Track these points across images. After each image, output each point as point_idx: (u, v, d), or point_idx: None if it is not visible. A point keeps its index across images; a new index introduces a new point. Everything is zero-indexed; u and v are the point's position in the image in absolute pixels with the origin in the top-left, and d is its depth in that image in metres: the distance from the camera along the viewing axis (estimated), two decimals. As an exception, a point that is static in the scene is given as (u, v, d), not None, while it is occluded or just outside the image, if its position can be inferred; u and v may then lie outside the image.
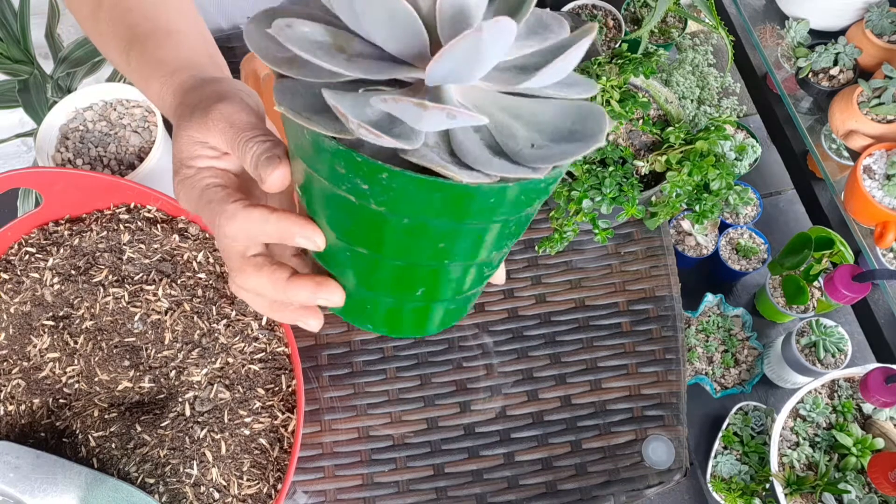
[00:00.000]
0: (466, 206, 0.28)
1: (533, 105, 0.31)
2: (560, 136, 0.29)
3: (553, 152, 0.28)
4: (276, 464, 0.59)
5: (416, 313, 0.33)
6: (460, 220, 0.28)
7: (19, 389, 0.60)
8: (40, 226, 0.66)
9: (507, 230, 0.30)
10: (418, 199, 0.27)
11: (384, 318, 0.34)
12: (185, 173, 0.36)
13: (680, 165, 0.64)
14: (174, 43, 0.43)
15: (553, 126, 0.30)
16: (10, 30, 0.98)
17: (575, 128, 0.29)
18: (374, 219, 0.29)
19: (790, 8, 1.30)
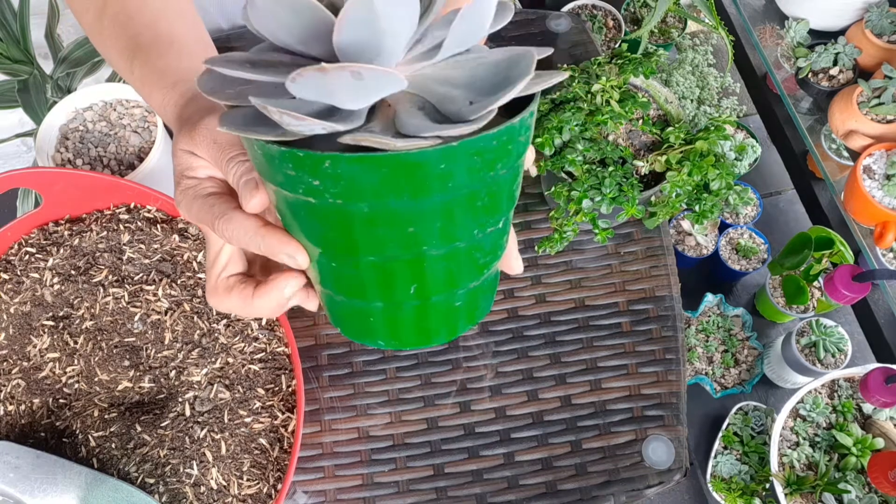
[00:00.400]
0: (418, 178, 0.27)
1: (466, 69, 0.30)
2: (496, 87, 0.28)
3: (489, 102, 0.27)
4: (276, 464, 0.59)
5: (416, 316, 0.32)
6: (417, 197, 0.27)
7: (19, 389, 0.60)
8: (40, 226, 0.66)
9: (478, 202, 0.29)
10: (367, 181, 0.27)
11: (387, 329, 0.32)
12: (187, 184, 0.36)
13: (680, 165, 0.64)
14: (175, 53, 0.44)
15: (488, 81, 0.29)
16: (9, 30, 0.98)
17: (508, 74, 0.29)
18: (336, 215, 0.28)
19: (790, 8, 1.30)
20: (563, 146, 0.66)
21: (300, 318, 0.72)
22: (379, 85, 0.27)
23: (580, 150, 0.65)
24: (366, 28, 0.26)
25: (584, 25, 0.87)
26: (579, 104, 0.66)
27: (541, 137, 0.65)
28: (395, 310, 0.31)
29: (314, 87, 0.26)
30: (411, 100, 0.30)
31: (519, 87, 0.27)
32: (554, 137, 0.65)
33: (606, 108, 0.66)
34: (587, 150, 0.65)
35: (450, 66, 0.31)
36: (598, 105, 0.66)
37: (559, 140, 0.65)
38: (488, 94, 0.28)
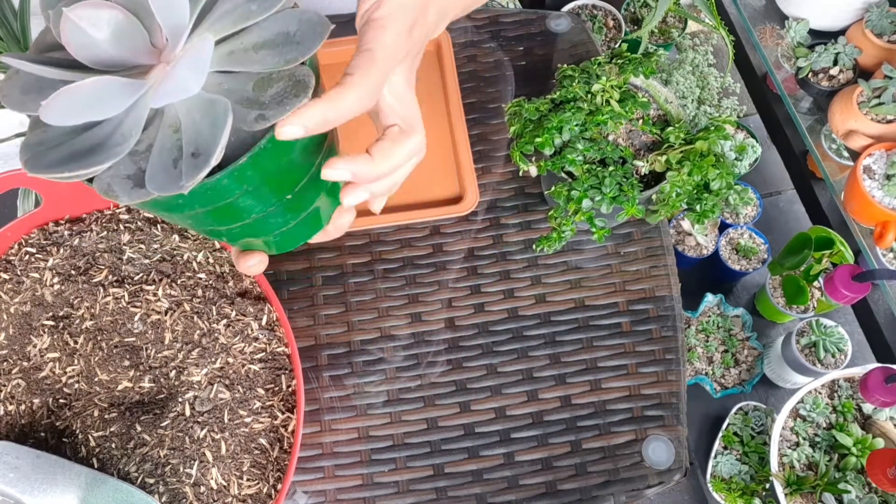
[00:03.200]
0: (176, 207, 0.35)
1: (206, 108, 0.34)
2: (209, 147, 0.32)
3: (190, 166, 0.31)
4: (276, 464, 0.59)
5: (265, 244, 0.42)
6: (192, 209, 0.35)
7: (19, 389, 0.60)
8: (40, 226, 0.66)
9: (237, 196, 0.35)
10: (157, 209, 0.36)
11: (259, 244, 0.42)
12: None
13: (680, 165, 0.64)
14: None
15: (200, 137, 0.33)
16: (10, 29, 0.98)
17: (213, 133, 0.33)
18: (183, 217, 0.37)
19: (790, 8, 1.30)
20: (563, 146, 0.66)
21: (300, 318, 0.72)
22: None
23: (580, 149, 0.65)
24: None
25: (584, 25, 0.87)
26: (579, 104, 0.66)
27: (541, 137, 0.65)
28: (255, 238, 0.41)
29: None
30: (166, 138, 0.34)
31: (211, 163, 0.31)
32: (554, 137, 0.65)
33: (606, 108, 0.66)
34: (587, 149, 0.65)
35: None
36: (598, 105, 0.66)
37: (559, 140, 0.65)
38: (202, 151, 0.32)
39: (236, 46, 0.34)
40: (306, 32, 0.34)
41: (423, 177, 0.78)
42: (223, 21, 0.34)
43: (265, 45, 0.34)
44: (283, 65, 0.33)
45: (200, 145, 0.32)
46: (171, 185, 0.31)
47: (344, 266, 0.74)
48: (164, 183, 0.31)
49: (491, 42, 0.86)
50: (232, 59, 0.34)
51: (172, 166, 0.32)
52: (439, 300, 0.73)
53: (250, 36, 0.34)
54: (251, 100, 0.33)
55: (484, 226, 0.76)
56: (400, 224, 0.75)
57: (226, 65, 0.34)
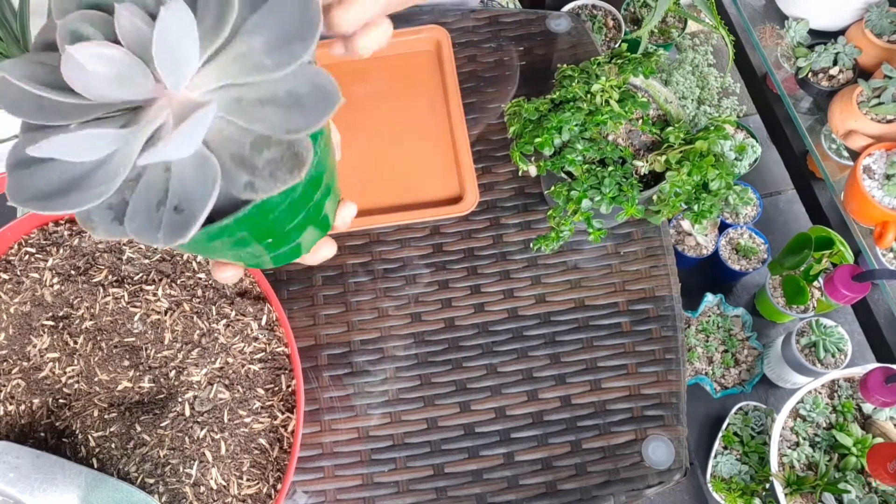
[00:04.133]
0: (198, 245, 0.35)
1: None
2: (199, 198, 0.32)
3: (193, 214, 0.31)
4: (276, 464, 0.59)
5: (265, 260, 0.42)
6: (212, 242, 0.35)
7: (19, 389, 0.60)
8: (40, 226, 0.66)
9: (215, 243, 0.35)
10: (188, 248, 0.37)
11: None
12: None
13: (679, 165, 0.64)
14: None
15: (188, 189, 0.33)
16: (9, 29, 0.98)
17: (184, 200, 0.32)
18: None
19: (790, 8, 1.30)
20: (563, 146, 0.66)
21: (300, 318, 0.72)
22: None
23: (580, 149, 0.65)
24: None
25: (584, 25, 0.87)
26: (579, 104, 0.66)
27: (540, 137, 0.65)
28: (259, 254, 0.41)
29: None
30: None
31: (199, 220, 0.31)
32: (553, 137, 0.65)
33: (606, 108, 0.66)
34: (587, 149, 0.65)
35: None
36: (598, 105, 0.66)
37: (559, 140, 0.65)
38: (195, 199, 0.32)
39: (243, 95, 0.33)
40: (317, 99, 0.33)
41: (423, 177, 0.78)
42: (234, 66, 0.33)
43: (272, 102, 0.33)
44: (285, 133, 0.32)
45: (184, 201, 0.31)
46: (147, 234, 0.31)
47: (344, 266, 0.74)
48: (141, 228, 0.31)
49: (491, 42, 0.86)
50: (238, 108, 0.33)
51: (154, 209, 0.31)
52: (439, 300, 0.73)
53: (259, 89, 0.33)
54: (245, 159, 0.33)
55: (484, 226, 0.76)
56: (400, 224, 0.76)
57: (230, 112, 0.33)
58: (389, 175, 0.77)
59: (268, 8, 0.34)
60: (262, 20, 0.33)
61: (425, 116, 0.81)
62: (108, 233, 0.32)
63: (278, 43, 0.33)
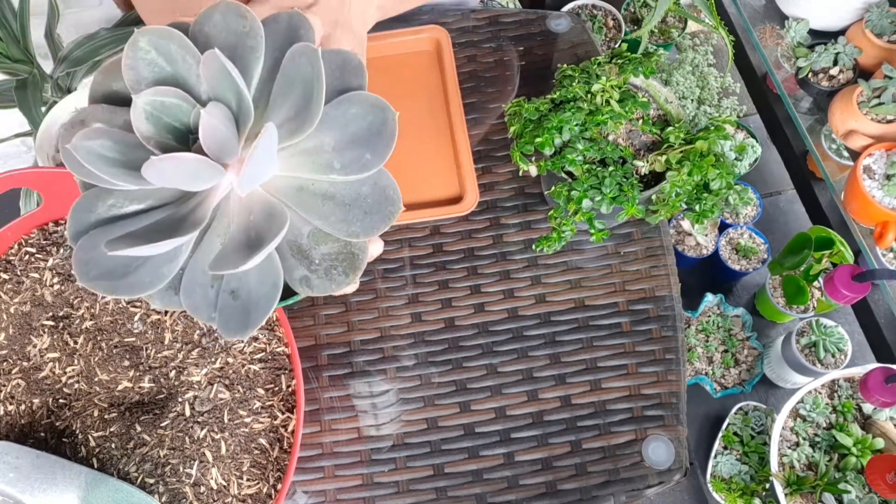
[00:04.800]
0: None
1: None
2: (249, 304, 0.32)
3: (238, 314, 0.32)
4: (276, 464, 0.59)
5: None
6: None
7: (19, 389, 0.60)
8: (40, 226, 0.66)
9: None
10: None
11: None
12: None
13: (680, 165, 0.64)
14: None
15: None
16: (9, 29, 0.98)
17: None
18: None
19: (790, 8, 1.30)
20: (563, 146, 0.66)
21: (300, 318, 0.72)
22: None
23: (580, 149, 0.65)
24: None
25: (584, 25, 0.87)
26: (579, 104, 0.66)
27: (541, 137, 0.65)
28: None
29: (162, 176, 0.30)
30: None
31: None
32: (554, 137, 0.65)
33: (606, 108, 0.66)
34: (587, 149, 0.65)
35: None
36: (598, 105, 0.66)
37: (559, 140, 0.65)
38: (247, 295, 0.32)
39: (307, 185, 0.32)
40: (378, 202, 0.32)
41: (423, 177, 0.78)
42: (302, 160, 0.33)
43: (333, 199, 0.32)
44: (345, 235, 0.32)
45: (242, 291, 0.31)
46: (203, 311, 0.31)
47: (344, 266, 0.74)
48: (198, 305, 0.31)
49: (491, 42, 0.86)
50: (300, 199, 0.32)
51: (209, 285, 0.31)
52: (439, 300, 0.73)
53: (323, 184, 0.32)
54: (302, 250, 0.32)
55: (484, 226, 0.76)
56: (400, 224, 0.76)
57: (293, 203, 0.32)
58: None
59: (342, 104, 0.32)
60: (335, 115, 0.32)
61: (425, 116, 0.81)
62: (164, 303, 0.32)
63: (350, 145, 0.32)
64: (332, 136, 0.32)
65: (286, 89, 0.32)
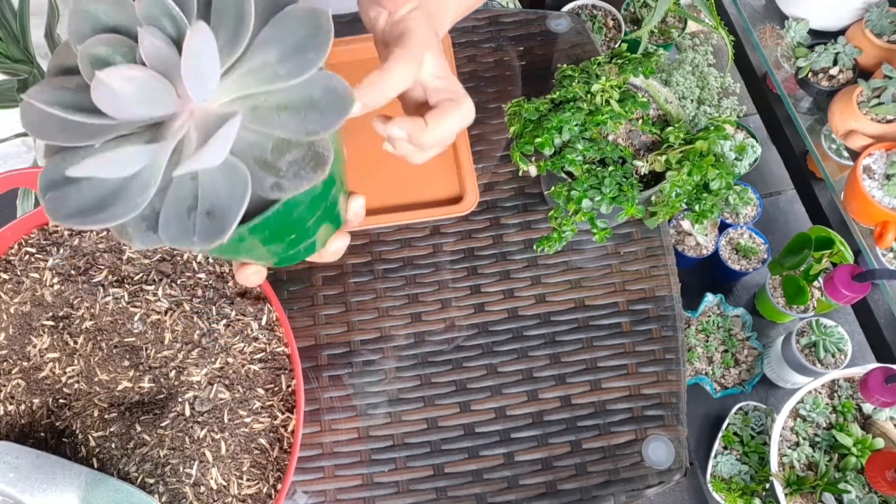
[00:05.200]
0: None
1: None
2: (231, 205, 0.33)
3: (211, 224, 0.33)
4: (276, 464, 0.59)
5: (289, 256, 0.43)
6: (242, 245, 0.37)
7: (19, 389, 0.60)
8: (40, 226, 0.66)
9: (245, 242, 0.37)
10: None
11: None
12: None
13: (679, 165, 0.64)
14: None
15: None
16: (9, 29, 0.98)
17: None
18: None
19: (790, 8, 1.30)
20: (563, 146, 0.66)
21: (300, 318, 0.72)
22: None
23: (580, 149, 0.65)
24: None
25: (584, 25, 0.87)
26: (579, 104, 0.66)
27: (540, 137, 0.65)
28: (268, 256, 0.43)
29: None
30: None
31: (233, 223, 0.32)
32: (554, 137, 0.65)
33: (606, 108, 0.66)
34: (587, 149, 0.65)
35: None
36: (598, 105, 0.66)
37: (559, 140, 0.65)
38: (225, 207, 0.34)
39: (260, 103, 0.35)
40: (331, 102, 0.34)
41: (423, 177, 0.78)
42: (250, 78, 0.35)
43: (288, 108, 0.35)
44: (304, 136, 0.34)
45: (216, 206, 0.33)
46: (183, 239, 0.32)
47: (344, 266, 0.74)
48: (176, 235, 0.33)
49: (491, 42, 0.86)
50: (256, 116, 0.35)
51: (186, 216, 0.33)
52: (439, 300, 0.73)
53: (275, 96, 0.35)
54: (268, 163, 0.34)
55: (484, 226, 0.76)
56: (400, 224, 0.76)
57: (250, 122, 0.34)
58: (389, 175, 0.77)
59: (278, 20, 0.35)
60: (273, 32, 0.35)
61: (425, 116, 0.81)
62: (144, 242, 0.33)
63: (291, 53, 0.34)
64: (274, 52, 0.35)
65: (221, 17, 0.34)
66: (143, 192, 0.33)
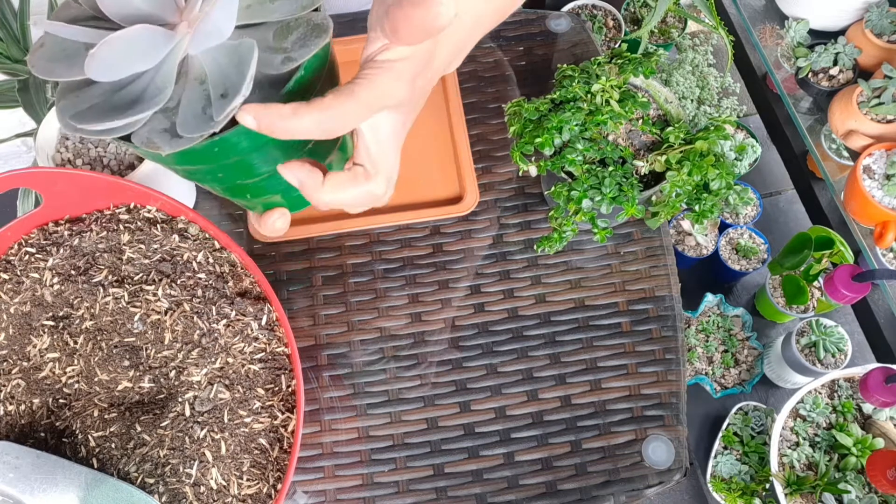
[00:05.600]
0: (203, 158, 0.37)
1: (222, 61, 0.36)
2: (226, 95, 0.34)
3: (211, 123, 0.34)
4: (276, 464, 0.59)
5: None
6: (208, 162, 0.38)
7: (19, 389, 0.60)
8: (40, 226, 0.66)
9: (248, 154, 0.38)
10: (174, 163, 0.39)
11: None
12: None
13: (680, 165, 0.64)
14: None
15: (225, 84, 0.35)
16: (10, 29, 0.98)
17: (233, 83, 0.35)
18: (209, 171, 0.40)
19: (790, 8, 1.30)
20: (563, 146, 0.66)
21: (300, 318, 0.72)
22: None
23: (580, 149, 0.65)
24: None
25: (584, 25, 0.87)
26: (579, 104, 0.66)
27: (540, 137, 0.65)
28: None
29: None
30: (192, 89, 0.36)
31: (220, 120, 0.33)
32: (554, 137, 0.65)
33: (606, 108, 0.66)
34: (587, 149, 0.65)
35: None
36: (598, 105, 0.66)
37: (559, 140, 0.65)
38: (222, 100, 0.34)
39: (252, 1, 0.36)
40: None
41: (423, 177, 0.78)
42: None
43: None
44: (300, 10, 0.35)
45: (228, 87, 0.33)
46: (202, 126, 0.33)
47: (344, 266, 0.74)
48: (195, 127, 0.33)
49: (491, 42, 0.86)
50: (250, 12, 0.35)
51: (202, 112, 0.33)
52: (439, 300, 0.73)
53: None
54: (274, 48, 0.35)
55: (484, 226, 0.76)
56: (400, 224, 0.76)
57: (245, 18, 0.35)
58: (389, 175, 0.77)
59: None
60: None
61: (425, 116, 0.81)
62: (171, 146, 0.34)
63: None
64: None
65: None
66: (160, 92, 0.33)
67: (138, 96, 0.34)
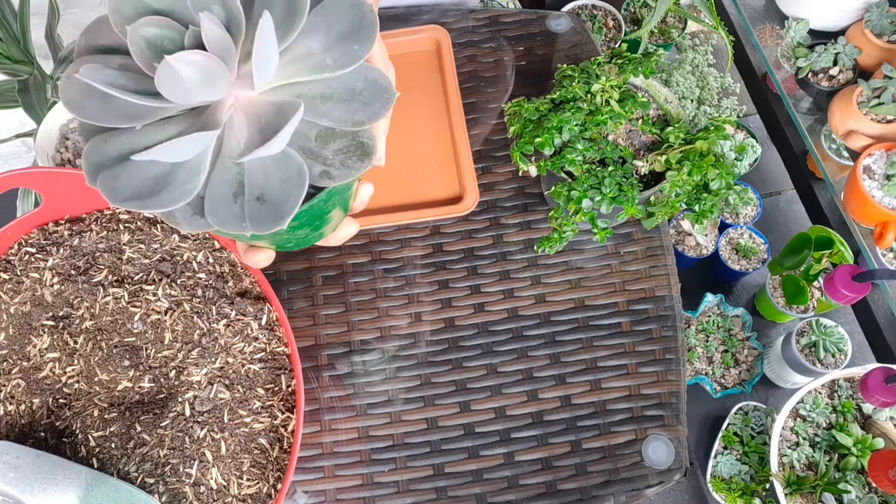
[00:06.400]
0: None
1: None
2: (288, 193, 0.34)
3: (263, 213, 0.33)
4: (276, 464, 0.59)
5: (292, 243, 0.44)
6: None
7: (19, 389, 0.60)
8: (40, 226, 0.66)
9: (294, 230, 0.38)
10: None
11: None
12: None
13: (680, 165, 0.64)
14: None
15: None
16: (10, 30, 0.98)
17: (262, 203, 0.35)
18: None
19: (790, 8, 1.30)
20: (563, 146, 0.66)
21: (300, 318, 0.72)
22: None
23: (580, 149, 0.65)
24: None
25: (584, 25, 0.87)
26: (579, 104, 0.66)
27: (540, 137, 0.65)
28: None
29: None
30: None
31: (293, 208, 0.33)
32: (554, 137, 0.65)
33: (606, 108, 0.66)
34: (587, 149, 0.65)
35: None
36: (598, 105, 0.66)
37: (559, 140, 0.65)
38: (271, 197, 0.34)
39: (304, 92, 0.35)
40: (373, 93, 0.35)
41: (423, 177, 0.78)
42: (296, 66, 0.34)
43: (332, 98, 0.35)
44: (350, 126, 0.34)
45: (268, 192, 0.33)
46: (233, 224, 0.32)
47: (344, 266, 0.74)
48: (225, 219, 0.33)
49: (491, 42, 0.86)
50: (302, 102, 0.34)
51: (233, 200, 0.33)
52: (439, 300, 0.73)
53: (318, 86, 0.35)
54: (313, 151, 0.34)
55: (484, 226, 0.76)
56: (400, 224, 0.76)
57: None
58: (389, 175, 0.77)
59: (322, 9, 0.35)
60: (317, 21, 0.35)
61: (425, 116, 0.81)
62: (192, 226, 0.33)
63: (336, 43, 0.34)
64: (318, 40, 0.34)
65: (266, 4, 0.34)
66: (195, 177, 0.33)
67: (170, 175, 0.33)
